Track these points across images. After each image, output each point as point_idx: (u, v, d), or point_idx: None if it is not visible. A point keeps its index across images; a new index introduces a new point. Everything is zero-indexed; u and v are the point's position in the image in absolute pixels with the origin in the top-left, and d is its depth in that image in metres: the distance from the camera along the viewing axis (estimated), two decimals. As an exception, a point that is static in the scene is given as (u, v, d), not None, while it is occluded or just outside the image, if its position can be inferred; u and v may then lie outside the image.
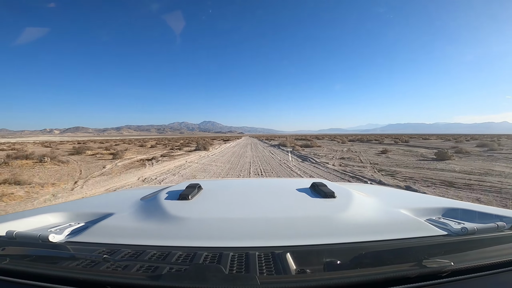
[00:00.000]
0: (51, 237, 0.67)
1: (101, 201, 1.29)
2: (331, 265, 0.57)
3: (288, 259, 0.58)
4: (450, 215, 0.92)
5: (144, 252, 0.63)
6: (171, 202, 0.97)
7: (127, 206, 1.01)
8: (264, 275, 0.52)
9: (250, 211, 0.93)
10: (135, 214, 0.91)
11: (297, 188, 1.22)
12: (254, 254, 0.61)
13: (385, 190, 1.57)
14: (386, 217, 0.87)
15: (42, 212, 0.96)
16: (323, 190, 1.07)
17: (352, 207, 0.90)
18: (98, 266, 0.56)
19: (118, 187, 6.39)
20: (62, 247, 0.66)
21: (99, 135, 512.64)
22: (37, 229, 0.82)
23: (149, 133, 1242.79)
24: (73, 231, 0.79)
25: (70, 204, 1.19)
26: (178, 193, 1.07)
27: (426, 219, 0.85)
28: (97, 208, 1.03)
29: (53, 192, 5.73)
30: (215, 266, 0.54)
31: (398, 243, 0.69)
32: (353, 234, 0.73)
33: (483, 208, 0.98)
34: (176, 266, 0.56)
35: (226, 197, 1.16)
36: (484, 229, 0.70)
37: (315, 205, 0.96)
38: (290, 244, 0.67)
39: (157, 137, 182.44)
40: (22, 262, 0.59)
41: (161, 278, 0.49)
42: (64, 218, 0.93)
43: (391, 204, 1.04)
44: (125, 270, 0.54)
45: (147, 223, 0.83)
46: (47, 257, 0.63)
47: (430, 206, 1.01)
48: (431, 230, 0.76)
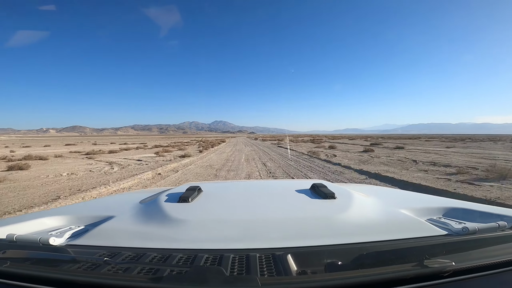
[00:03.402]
0: (51, 240, 0.67)
1: (101, 204, 1.29)
2: (332, 266, 0.57)
3: (289, 261, 0.58)
4: (450, 215, 0.92)
5: (144, 254, 0.63)
6: (171, 205, 0.97)
7: (127, 209, 1.01)
8: (265, 276, 0.52)
9: (251, 213, 0.93)
10: (136, 217, 0.91)
11: (297, 189, 1.21)
12: (255, 255, 0.61)
13: (385, 191, 1.56)
14: (387, 217, 0.87)
15: (42, 215, 0.96)
16: (323, 191, 1.07)
17: (352, 207, 0.90)
18: (99, 269, 0.56)
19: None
20: (63, 250, 0.66)
21: (97, 135, 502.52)
22: (38, 232, 0.82)
23: (150, 132, 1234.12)
24: (74, 234, 0.79)
25: (70, 208, 1.19)
26: (178, 195, 1.07)
27: (427, 219, 0.85)
28: (97, 211, 1.03)
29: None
30: (216, 268, 0.54)
31: (399, 243, 0.68)
32: (353, 235, 0.73)
33: (484, 207, 0.98)
34: (177, 269, 0.56)
35: (226, 199, 1.16)
36: (485, 229, 0.70)
37: (315, 206, 0.96)
38: (290, 246, 0.67)
39: (146, 136, 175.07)
40: (23, 265, 0.59)
41: (162, 280, 0.49)
42: (65, 221, 0.93)
43: (392, 204, 1.04)
44: (126, 272, 0.54)
45: (147, 226, 0.83)
46: (47, 260, 0.63)
47: (430, 206, 1.01)
48: (432, 230, 0.76)
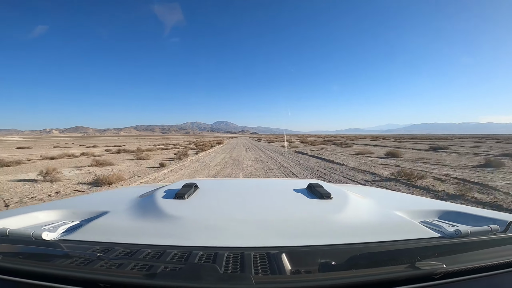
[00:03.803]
0: (44, 235, 0.66)
1: (96, 199, 1.28)
2: (326, 266, 0.57)
3: (283, 260, 0.58)
4: (444, 218, 0.93)
5: (139, 250, 0.63)
6: (167, 201, 0.97)
7: (122, 205, 1.00)
8: (259, 275, 0.53)
9: (246, 211, 0.93)
10: (130, 213, 0.90)
11: (294, 188, 1.22)
12: (250, 254, 0.61)
13: (381, 192, 1.58)
14: (381, 218, 0.88)
15: (35, 209, 0.95)
16: (319, 191, 1.07)
17: (347, 208, 0.91)
18: (92, 264, 0.56)
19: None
20: (56, 245, 0.66)
21: (100, 136, 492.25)
22: (30, 227, 0.81)
23: (152, 133, 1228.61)
24: (67, 229, 0.78)
25: (64, 202, 1.18)
26: (174, 192, 1.07)
27: (421, 221, 0.86)
28: (91, 206, 1.02)
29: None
30: (210, 266, 0.54)
31: (392, 244, 0.69)
32: (348, 235, 0.73)
33: (477, 211, 0.99)
34: (171, 265, 0.55)
35: (222, 197, 1.16)
36: (478, 232, 0.71)
37: (311, 206, 0.97)
38: (285, 245, 0.67)
39: (148, 137, 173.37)
40: (15, 259, 0.58)
41: (156, 276, 0.49)
42: (58, 216, 0.92)
43: (386, 206, 1.05)
44: (120, 268, 0.54)
45: (142, 221, 0.82)
46: (40, 255, 0.62)
47: (424, 208, 1.02)
48: (425, 232, 0.77)
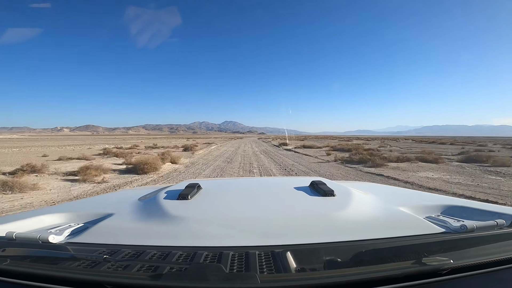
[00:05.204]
0: (51, 238, 0.67)
1: (101, 201, 1.29)
2: (331, 263, 0.57)
3: (288, 258, 0.58)
4: (449, 213, 0.92)
5: (144, 252, 0.63)
6: (170, 202, 0.97)
7: (126, 206, 1.01)
8: (264, 273, 0.53)
9: (250, 210, 0.93)
10: (135, 214, 0.91)
11: (297, 186, 1.22)
12: (254, 253, 0.61)
13: (384, 188, 1.57)
14: (385, 215, 0.88)
15: (41, 213, 0.96)
16: (322, 189, 1.07)
17: (351, 205, 0.91)
18: (98, 266, 0.56)
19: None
20: (62, 248, 0.66)
21: (109, 134, 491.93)
22: (37, 230, 0.82)
23: (160, 132, 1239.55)
24: (73, 232, 0.79)
25: (69, 205, 1.19)
26: (177, 193, 1.07)
27: (425, 217, 0.86)
28: (96, 209, 1.03)
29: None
30: (215, 265, 0.54)
31: (397, 241, 0.69)
32: (352, 232, 0.73)
33: (482, 205, 0.98)
34: (176, 266, 0.56)
35: (226, 196, 1.16)
36: (484, 227, 0.70)
37: (314, 203, 0.96)
38: (290, 243, 0.67)
39: (156, 136, 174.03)
40: (23, 263, 0.59)
41: (162, 277, 0.49)
42: (64, 219, 0.93)
43: (390, 202, 1.05)
44: (126, 270, 0.55)
45: (147, 223, 0.83)
46: (47, 258, 0.63)
47: (429, 203, 1.01)
48: (430, 227, 0.76)
